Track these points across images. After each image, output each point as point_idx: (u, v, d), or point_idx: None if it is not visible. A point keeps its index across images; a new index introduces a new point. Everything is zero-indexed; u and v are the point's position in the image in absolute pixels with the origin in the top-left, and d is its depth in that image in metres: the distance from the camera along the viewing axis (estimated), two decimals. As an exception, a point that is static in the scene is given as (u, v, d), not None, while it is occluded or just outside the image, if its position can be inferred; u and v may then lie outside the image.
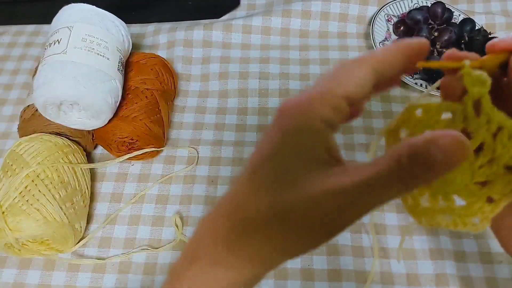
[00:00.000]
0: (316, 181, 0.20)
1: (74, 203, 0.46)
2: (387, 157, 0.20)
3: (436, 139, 0.19)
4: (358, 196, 0.20)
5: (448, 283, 0.46)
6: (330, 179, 0.20)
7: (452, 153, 0.19)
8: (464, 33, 0.62)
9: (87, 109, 0.49)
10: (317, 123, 0.21)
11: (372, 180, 0.20)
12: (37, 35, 0.70)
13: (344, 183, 0.20)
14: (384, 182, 0.20)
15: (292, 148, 0.21)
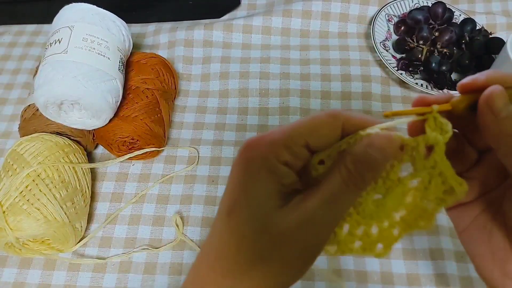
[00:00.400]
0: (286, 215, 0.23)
1: (74, 203, 0.46)
2: (334, 171, 0.23)
3: (371, 142, 0.23)
4: (325, 216, 0.22)
5: (448, 283, 0.46)
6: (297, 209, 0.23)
7: (386, 148, 0.23)
8: (464, 33, 0.62)
9: (87, 108, 0.49)
10: (283, 167, 0.23)
11: (331, 195, 0.23)
12: (37, 34, 0.70)
13: (310, 207, 0.22)
14: (340, 192, 0.23)
15: (265, 190, 0.23)
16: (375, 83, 0.62)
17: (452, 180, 0.24)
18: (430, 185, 0.24)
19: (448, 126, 0.23)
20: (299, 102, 0.60)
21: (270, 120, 0.59)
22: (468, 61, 0.60)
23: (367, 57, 0.64)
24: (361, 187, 0.23)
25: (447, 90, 0.59)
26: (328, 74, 0.63)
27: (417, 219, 0.25)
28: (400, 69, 0.61)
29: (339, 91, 0.61)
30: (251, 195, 0.23)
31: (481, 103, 0.23)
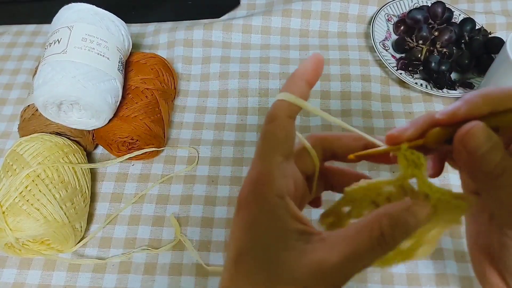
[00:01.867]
0: (300, 261, 0.21)
1: (74, 203, 0.46)
2: (364, 228, 0.22)
3: (408, 208, 0.22)
4: (345, 271, 0.21)
5: (448, 283, 0.46)
6: (314, 257, 0.21)
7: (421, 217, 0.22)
8: (464, 33, 0.62)
9: (87, 108, 0.49)
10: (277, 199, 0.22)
11: (356, 254, 0.21)
12: (37, 35, 0.70)
13: (328, 261, 0.21)
14: (366, 252, 0.21)
15: (266, 231, 0.22)
16: (374, 82, 0.62)
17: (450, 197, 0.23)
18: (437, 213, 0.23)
19: (420, 159, 0.23)
20: (298, 102, 0.60)
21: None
22: (467, 60, 0.60)
23: (366, 57, 0.64)
24: (389, 249, 0.22)
25: (447, 90, 0.59)
26: (328, 74, 0.63)
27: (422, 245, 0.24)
28: (399, 68, 0.61)
29: (339, 91, 0.61)
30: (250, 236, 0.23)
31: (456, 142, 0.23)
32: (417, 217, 0.22)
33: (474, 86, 0.59)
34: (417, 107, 0.60)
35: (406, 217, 0.22)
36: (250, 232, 0.22)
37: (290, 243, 0.22)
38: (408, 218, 0.22)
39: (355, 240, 0.21)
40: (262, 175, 0.23)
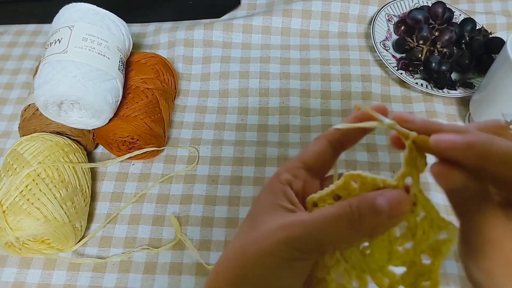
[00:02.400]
0: (276, 219, 0.24)
1: (74, 202, 0.46)
2: (338, 203, 0.24)
3: (383, 192, 0.23)
4: (310, 233, 0.23)
5: (448, 283, 0.46)
6: (288, 217, 0.24)
7: (394, 203, 0.22)
8: (464, 33, 0.62)
9: (87, 108, 0.49)
10: (280, 184, 0.26)
11: (322, 220, 0.23)
12: (37, 34, 0.70)
13: (297, 218, 0.24)
14: (333, 222, 0.23)
15: (261, 202, 0.26)
16: (375, 83, 0.62)
17: (439, 221, 0.23)
18: (418, 231, 0.23)
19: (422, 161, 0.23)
20: (299, 102, 0.60)
21: (270, 120, 0.59)
22: (468, 61, 0.60)
23: (367, 57, 0.64)
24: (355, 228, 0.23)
25: (447, 90, 0.59)
26: (328, 74, 0.63)
27: (419, 278, 0.23)
28: (400, 68, 0.61)
29: (339, 91, 0.61)
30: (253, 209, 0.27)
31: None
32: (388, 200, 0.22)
33: (475, 86, 0.59)
34: (418, 107, 0.60)
35: (375, 198, 0.23)
36: (253, 205, 0.27)
37: (275, 211, 0.25)
38: (378, 199, 0.22)
39: (325, 210, 0.24)
40: (278, 171, 0.27)
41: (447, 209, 0.50)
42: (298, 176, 0.27)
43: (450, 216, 0.50)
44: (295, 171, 0.27)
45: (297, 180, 0.27)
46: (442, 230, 0.23)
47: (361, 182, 0.25)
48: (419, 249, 0.23)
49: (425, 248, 0.23)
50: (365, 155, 0.55)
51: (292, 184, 0.26)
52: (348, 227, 0.23)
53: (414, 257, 0.24)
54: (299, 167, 0.27)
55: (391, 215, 0.22)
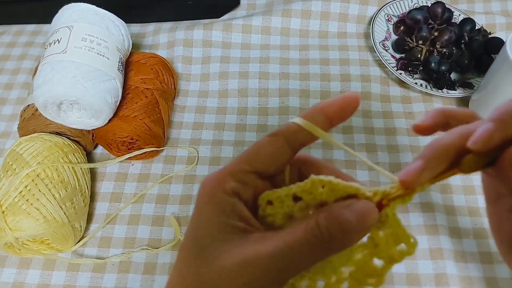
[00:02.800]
0: (233, 251, 0.21)
1: (74, 203, 0.46)
2: (302, 223, 0.21)
3: (350, 204, 0.21)
4: (276, 263, 0.20)
5: (448, 283, 0.46)
6: (246, 249, 0.21)
7: (363, 216, 0.21)
8: (464, 33, 0.62)
9: (87, 108, 0.49)
10: (226, 196, 0.22)
11: (289, 246, 0.20)
12: (37, 34, 0.70)
13: (259, 251, 0.20)
14: (301, 245, 0.21)
15: (207, 222, 0.22)
16: (374, 83, 0.62)
17: (403, 237, 0.23)
18: (381, 243, 0.23)
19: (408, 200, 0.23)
20: (298, 102, 0.60)
21: (270, 120, 0.59)
22: (467, 61, 0.60)
23: (366, 57, 0.64)
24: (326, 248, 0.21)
25: (447, 90, 0.59)
26: (328, 74, 0.63)
27: (367, 277, 0.24)
28: (399, 69, 0.61)
29: (339, 91, 0.61)
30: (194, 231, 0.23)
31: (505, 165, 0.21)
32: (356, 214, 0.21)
33: (474, 86, 0.59)
34: (417, 107, 0.60)
35: (343, 211, 0.21)
36: (195, 222, 0.23)
37: (227, 236, 0.22)
38: (346, 213, 0.21)
39: (290, 233, 0.21)
40: (220, 175, 0.23)
41: (446, 209, 0.50)
42: (247, 182, 0.23)
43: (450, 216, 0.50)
44: (243, 177, 0.23)
45: (247, 188, 0.23)
46: (402, 243, 0.23)
47: (329, 188, 0.23)
48: (376, 255, 0.23)
49: (383, 256, 0.23)
50: (364, 155, 0.55)
51: (241, 194, 0.23)
52: (319, 250, 0.21)
53: (369, 261, 0.24)
54: (247, 171, 0.23)
55: (359, 229, 0.21)
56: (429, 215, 0.50)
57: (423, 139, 0.56)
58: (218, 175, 0.23)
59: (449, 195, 0.51)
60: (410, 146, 0.56)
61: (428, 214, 0.50)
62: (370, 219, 0.21)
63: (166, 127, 0.55)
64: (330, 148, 0.56)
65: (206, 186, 0.23)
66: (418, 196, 0.51)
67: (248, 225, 0.22)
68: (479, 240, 0.48)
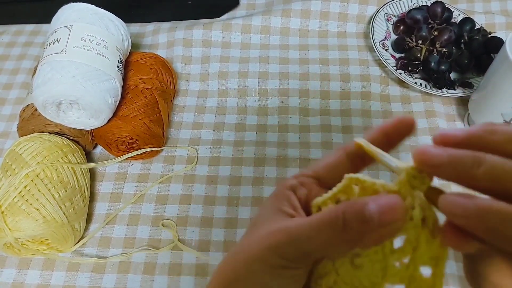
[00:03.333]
0: (270, 225, 0.24)
1: (73, 203, 0.46)
2: (327, 209, 0.24)
3: (375, 197, 0.21)
4: (293, 237, 0.22)
5: (448, 283, 0.46)
6: (279, 223, 0.23)
7: (387, 210, 0.20)
8: (463, 33, 0.62)
9: (86, 108, 0.49)
10: (285, 189, 0.26)
11: (308, 227, 0.22)
12: (36, 34, 0.70)
13: (285, 225, 0.23)
14: (319, 228, 0.21)
15: (266, 206, 0.26)
16: (374, 82, 0.62)
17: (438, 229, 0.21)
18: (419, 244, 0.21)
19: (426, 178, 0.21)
20: (298, 102, 0.60)
21: (269, 120, 0.59)
22: (467, 60, 0.60)
23: (366, 57, 0.64)
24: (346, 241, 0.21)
25: (446, 90, 0.59)
26: (327, 73, 0.63)
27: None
28: (399, 68, 0.61)
29: (338, 91, 0.61)
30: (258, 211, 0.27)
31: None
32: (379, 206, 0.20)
33: (474, 86, 0.59)
34: (417, 107, 0.60)
35: (366, 203, 0.20)
36: (261, 206, 0.27)
37: (276, 217, 0.24)
38: (369, 204, 0.20)
39: (313, 216, 0.23)
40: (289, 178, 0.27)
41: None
42: (305, 183, 0.26)
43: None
44: (303, 179, 0.26)
45: (302, 188, 0.26)
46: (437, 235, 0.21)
47: (361, 186, 0.23)
48: (419, 262, 0.21)
49: (425, 259, 0.21)
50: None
51: (296, 190, 0.26)
52: (332, 234, 0.21)
53: (413, 271, 0.22)
54: (308, 175, 0.26)
55: (382, 222, 0.20)
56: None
57: (423, 140, 0.56)
58: (289, 178, 0.27)
59: (448, 195, 0.51)
60: (410, 146, 0.56)
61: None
62: (395, 212, 0.20)
63: (166, 127, 0.55)
64: (330, 148, 0.56)
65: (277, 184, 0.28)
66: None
67: (296, 213, 0.25)
68: (479, 239, 0.48)
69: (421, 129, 0.57)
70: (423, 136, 0.57)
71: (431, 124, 0.58)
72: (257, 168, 0.54)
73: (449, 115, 0.59)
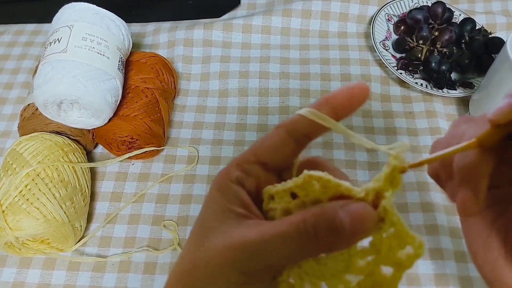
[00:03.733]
0: (226, 233, 0.22)
1: (74, 202, 0.46)
2: (292, 216, 0.21)
3: (345, 204, 0.20)
4: (257, 251, 0.20)
5: (448, 283, 0.46)
6: (236, 232, 0.21)
7: (359, 219, 0.20)
8: (464, 33, 0.62)
9: (87, 108, 0.49)
10: (231, 184, 0.23)
11: (271, 236, 0.20)
12: (37, 34, 0.70)
13: (245, 235, 0.21)
14: (284, 239, 0.20)
15: (212, 207, 0.23)
16: (375, 82, 0.62)
17: (407, 238, 0.21)
18: (383, 248, 0.21)
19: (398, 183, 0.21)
20: (298, 102, 0.60)
21: (270, 120, 0.59)
22: (467, 60, 0.60)
23: (366, 57, 0.64)
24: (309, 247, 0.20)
25: (447, 90, 0.59)
26: (328, 73, 0.63)
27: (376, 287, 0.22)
28: (399, 68, 0.61)
29: (339, 91, 0.61)
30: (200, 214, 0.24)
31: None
32: (351, 215, 0.20)
33: (474, 86, 0.59)
34: (417, 107, 0.60)
35: (336, 211, 0.20)
36: (204, 207, 0.24)
37: (226, 219, 0.22)
38: (340, 213, 0.20)
39: (278, 224, 0.21)
40: (229, 166, 0.24)
41: (446, 209, 0.50)
42: (251, 172, 0.24)
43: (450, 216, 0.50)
44: (248, 167, 0.24)
45: (250, 178, 0.24)
46: (409, 245, 0.21)
47: (322, 185, 0.22)
48: (382, 262, 0.22)
49: (389, 262, 0.22)
50: (364, 155, 0.55)
51: (244, 183, 0.23)
52: (300, 246, 0.20)
53: (374, 267, 0.22)
54: (252, 162, 0.24)
55: (354, 232, 0.20)
56: (429, 215, 0.50)
57: (423, 139, 0.56)
58: (228, 166, 0.24)
59: (449, 195, 0.51)
60: (410, 146, 0.56)
61: (428, 214, 0.50)
62: (367, 223, 0.20)
63: (166, 127, 0.55)
64: (330, 148, 0.55)
65: (217, 176, 0.24)
66: (418, 195, 0.51)
67: (248, 212, 0.23)
68: (479, 240, 0.48)
69: (422, 129, 0.57)
70: (424, 136, 0.57)
71: (431, 124, 0.57)
72: (257, 168, 0.54)
73: (450, 115, 0.59)
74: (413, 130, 0.57)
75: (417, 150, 0.55)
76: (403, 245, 0.21)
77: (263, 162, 0.24)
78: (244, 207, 0.23)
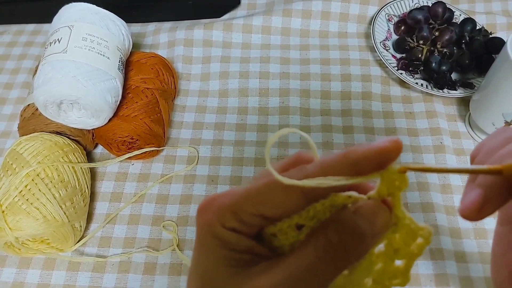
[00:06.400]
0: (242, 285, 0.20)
1: (74, 202, 0.46)
2: (309, 242, 0.20)
3: (357, 209, 0.20)
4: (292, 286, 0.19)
5: (448, 283, 0.45)
6: (257, 280, 0.20)
7: (374, 218, 0.20)
8: (464, 33, 0.62)
9: (87, 108, 0.49)
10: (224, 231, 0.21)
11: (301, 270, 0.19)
12: (37, 34, 0.70)
13: (270, 282, 0.19)
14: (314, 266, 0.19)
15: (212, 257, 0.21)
16: (375, 83, 0.62)
17: (418, 231, 0.21)
18: (400, 246, 0.22)
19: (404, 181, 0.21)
20: (299, 102, 0.60)
21: (270, 120, 0.59)
22: (468, 61, 0.60)
23: (367, 57, 0.64)
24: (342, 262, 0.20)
25: (447, 90, 0.59)
26: (328, 73, 0.63)
27: (391, 279, 0.22)
28: (400, 68, 0.61)
29: (339, 91, 0.61)
30: (199, 264, 0.22)
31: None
32: (369, 219, 0.20)
33: (475, 86, 0.59)
34: (418, 107, 0.59)
35: (355, 220, 0.20)
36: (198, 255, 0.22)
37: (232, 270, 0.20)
38: (358, 220, 0.20)
39: (299, 255, 0.20)
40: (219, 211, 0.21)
41: (446, 209, 0.50)
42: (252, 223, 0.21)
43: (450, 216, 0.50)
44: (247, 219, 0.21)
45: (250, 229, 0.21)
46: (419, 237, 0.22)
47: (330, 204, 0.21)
48: (397, 258, 0.22)
49: (403, 256, 0.22)
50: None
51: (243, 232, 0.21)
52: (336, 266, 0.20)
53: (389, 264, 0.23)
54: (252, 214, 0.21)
55: (374, 233, 0.20)
56: (429, 215, 0.50)
57: (424, 140, 0.56)
58: (218, 211, 0.21)
59: (449, 195, 0.51)
60: (410, 146, 0.56)
61: (428, 214, 0.50)
62: (383, 219, 0.20)
63: (166, 127, 0.55)
64: (330, 148, 0.55)
65: (205, 219, 0.21)
66: (418, 196, 0.51)
67: (254, 256, 0.21)
68: (479, 240, 0.48)
69: (422, 129, 0.57)
70: (424, 136, 0.56)
71: (432, 124, 0.57)
72: (257, 168, 0.54)
73: (450, 116, 0.59)
74: (413, 130, 0.57)
75: (418, 151, 0.55)
76: (415, 238, 0.22)
77: (265, 216, 0.21)
78: (247, 253, 0.21)
